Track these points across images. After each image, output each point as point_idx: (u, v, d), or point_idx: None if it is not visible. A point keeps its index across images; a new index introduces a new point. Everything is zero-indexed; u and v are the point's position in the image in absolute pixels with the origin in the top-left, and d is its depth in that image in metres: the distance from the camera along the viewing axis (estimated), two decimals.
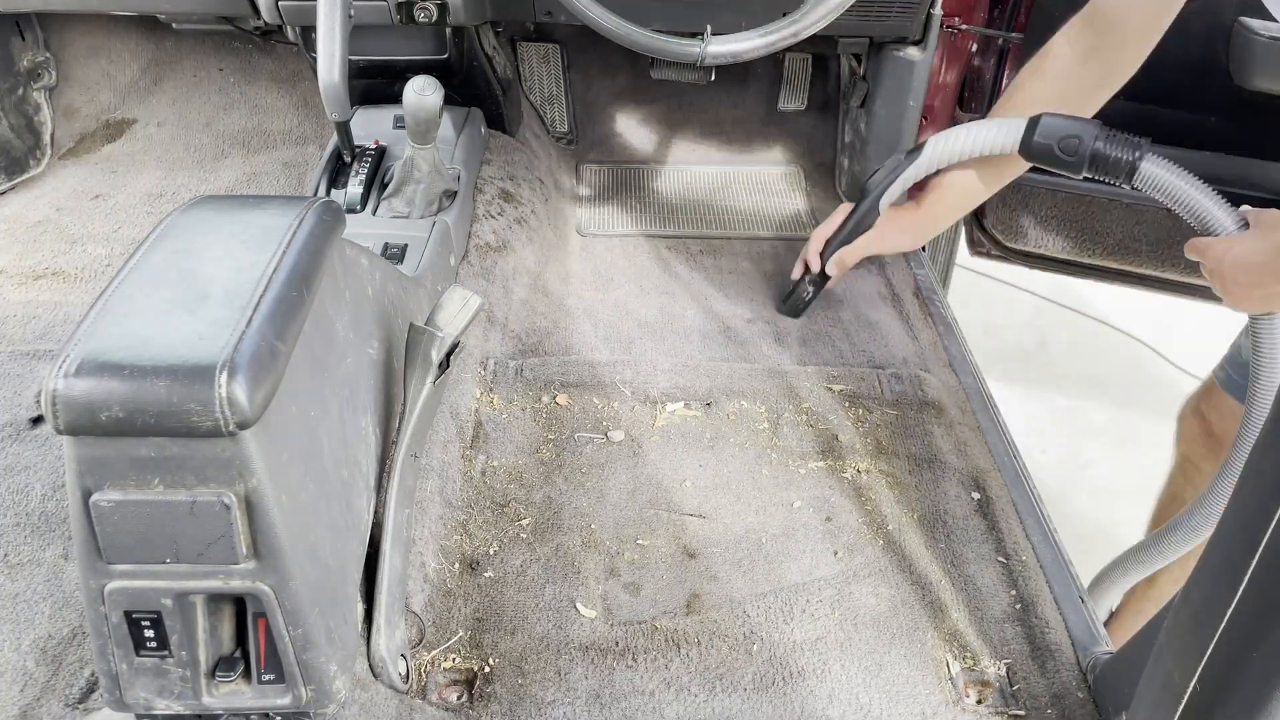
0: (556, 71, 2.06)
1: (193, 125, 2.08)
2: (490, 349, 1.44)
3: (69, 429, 0.69)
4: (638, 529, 1.17)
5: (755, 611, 1.07)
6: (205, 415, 0.68)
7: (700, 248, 1.78)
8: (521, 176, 1.80)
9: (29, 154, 1.98)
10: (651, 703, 0.97)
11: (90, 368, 0.68)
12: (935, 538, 1.16)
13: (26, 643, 0.99)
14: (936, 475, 1.25)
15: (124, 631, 0.77)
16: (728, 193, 1.98)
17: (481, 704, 0.97)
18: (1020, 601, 1.09)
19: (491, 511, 1.18)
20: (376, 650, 0.94)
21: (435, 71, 1.41)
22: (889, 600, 1.08)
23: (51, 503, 1.15)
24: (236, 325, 0.71)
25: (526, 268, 1.62)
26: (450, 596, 1.07)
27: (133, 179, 1.94)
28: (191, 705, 0.80)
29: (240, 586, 0.77)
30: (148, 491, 0.72)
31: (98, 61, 2.12)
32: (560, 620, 1.05)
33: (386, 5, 1.52)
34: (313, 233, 0.83)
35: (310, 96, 2.08)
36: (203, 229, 0.83)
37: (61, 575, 1.06)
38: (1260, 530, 0.58)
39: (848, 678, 1.00)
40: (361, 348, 0.98)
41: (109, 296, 0.74)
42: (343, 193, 1.51)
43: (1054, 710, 0.97)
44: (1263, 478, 0.60)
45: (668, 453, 1.27)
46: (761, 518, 1.18)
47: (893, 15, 1.64)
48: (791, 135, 2.13)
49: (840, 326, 1.57)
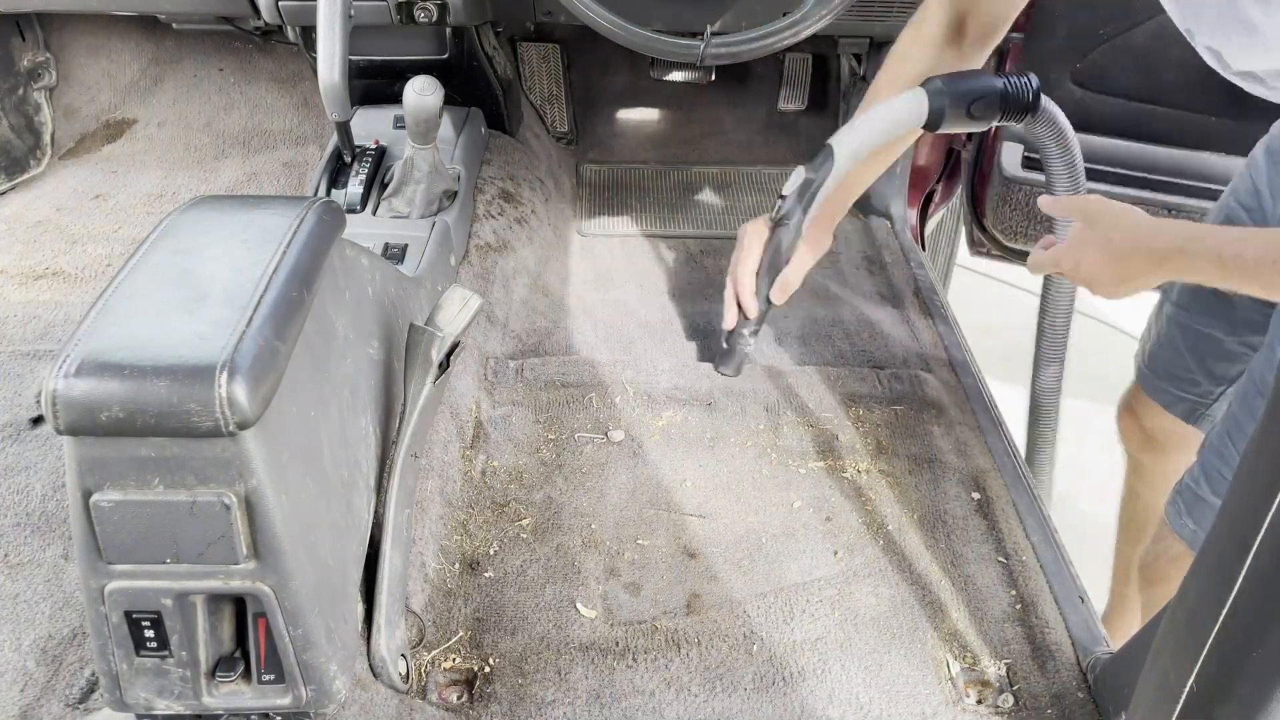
0: (556, 71, 2.06)
1: (193, 125, 2.08)
2: (490, 349, 1.44)
3: (69, 429, 0.69)
4: (638, 529, 1.17)
5: (755, 611, 1.07)
6: (205, 415, 0.68)
7: (700, 248, 1.78)
8: (521, 176, 1.80)
9: (29, 154, 1.98)
10: (651, 703, 0.97)
11: (90, 368, 0.68)
12: (935, 538, 1.16)
13: (26, 643, 0.99)
14: (936, 475, 1.25)
15: (124, 631, 0.77)
16: (728, 193, 1.98)
17: (481, 704, 0.97)
18: (1020, 601, 1.09)
19: (491, 511, 1.18)
20: (376, 650, 0.94)
21: (435, 71, 1.41)
22: (889, 600, 1.08)
23: (51, 503, 1.15)
24: (236, 325, 0.72)
25: (526, 268, 1.63)
26: (450, 596, 1.07)
27: (133, 179, 1.94)
28: (191, 705, 0.80)
29: (240, 586, 0.77)
30: (148, 491, 0.72)
31: (98, 61, 2.12)
32: (560, 620, 1.05)
33: (386, 5, 1.52)
34: (313, 233, 0.83)
35: (310, 96, 2.08)
36: (203, 229, 0.83)
37: (61, 575, 1.06)
38: (1254, 529, 0.58)
39: (848, 678, 1.00)
40: (361, 348, 0.98)
41: (109, 296, 0.74)
42: (343, 193, 1.51)
43: (1054, 710, 0.97)
44: (1256, 477, 0.60)
45: (668, 453, 1.27)
46: (761, 518, 1.18)
47: (893, 15, 1.64)
48: (791, 135, 2.13)
49: (840, 326, 1.57)
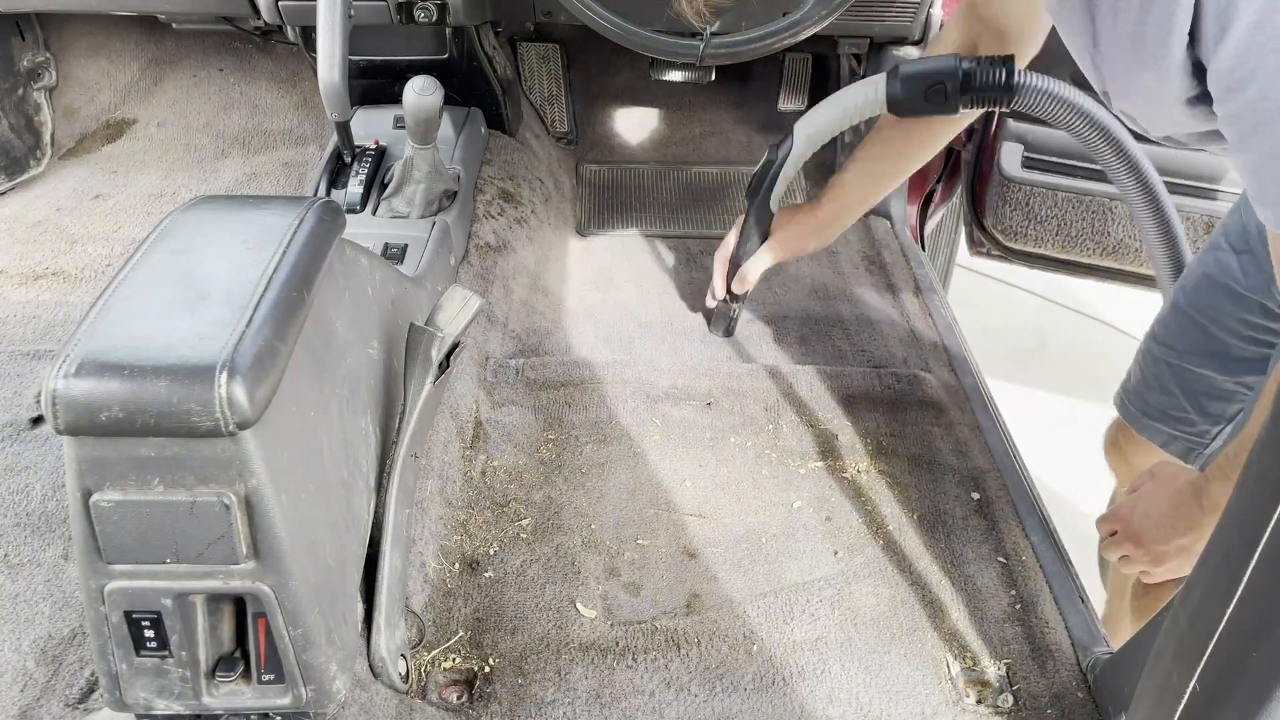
0: (556, 71, 2.06)
1: (193, 125, 2.08)
2: (490, 349, 1.44)
3: (69, 429, 0.69)
4: (638, 529, 1.17)
5: (755, 611, 1.07)
6: (205, 415, 0.68)
7: (700, 248, 1.78)
8: (521, 176, 1.80)
9: (29, 154, 1.98)
10: (651, 703, 0.97)
11: (90, 368, 0.68)
12: (935, 538, 1.16)
13: (26, 643, 0.99)
14: (936, 475, 1.25)
15: (124, 631, 0.77)
16: (728, 193, 1.98)
17: (481, 704, 0.97)
18: (1020, 601, 1.09)
19: (491, 511, 1.18)
20: (376, 650, 0.94)
21: (435, 71, 1.41)
22: (889, 600, 1.08)
23: (51, 503, 1.15)
24: (236, 325, 0.71)
25: (526, 268, 1.62)
26: (450, 596, 1.07)
27: (133, 179, 1.93)
28: (191, 705, 0.80)
29: (240, 586, 0.77)
30: (148, 491, 0.72)
31: (98, 61, 2.12)
32: (560, 620, 1.05)
33: (386, 5, 1.52)
34: (313, 233, 0.83)
35: (310, 96, 2.08)
36: (203, 229, 0.83)
37: (61, 575, 1.06)
38: (1259, 530, 0.58)
39: (848, 678, 1.00)
40: (361, 348, 0.98)
41: (109, 296, 0.74)
42: (343, 193, 1.51)
43: (1054, 710, 0.97)
44: (1262, 478, 0.60)
45: (668, 453, 1.27)
46: (761, 518, 1.18)
47: (892, 15, 1.64)
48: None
49: (840, 326, 1.57)
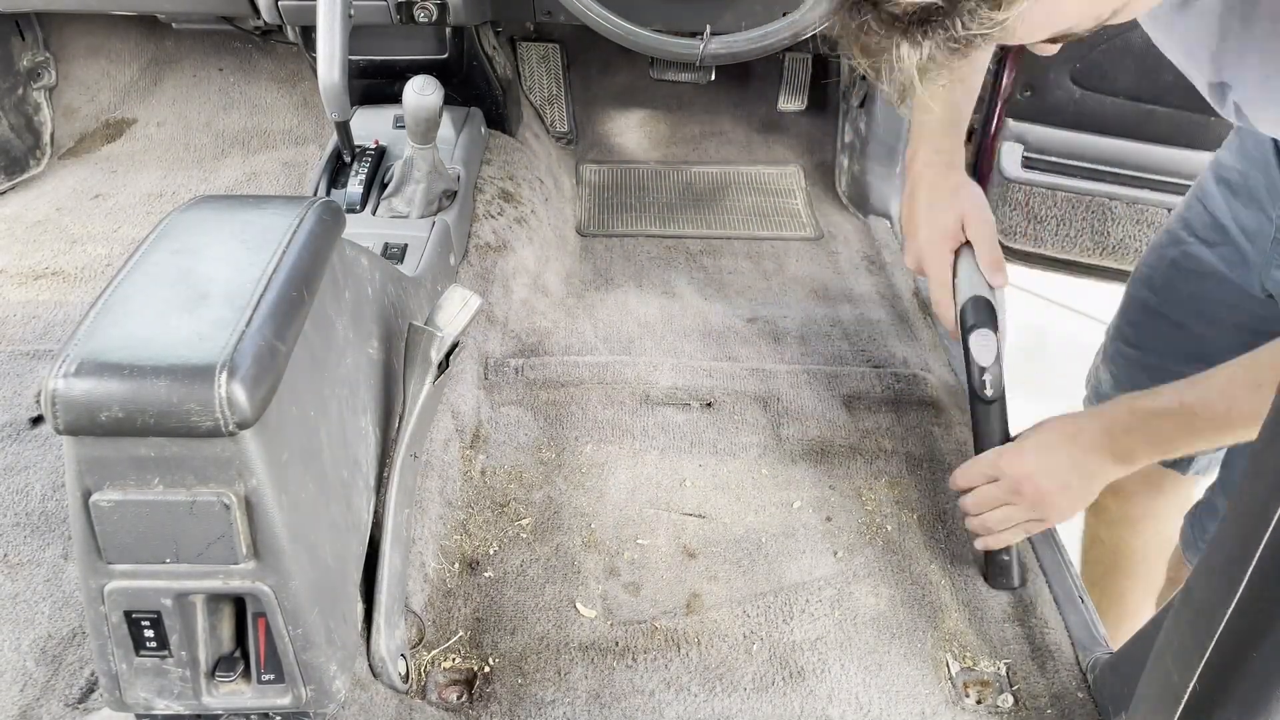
0: (556, 71, 2.06)
1: (193, 125, 2.08)
2: (490, 349, 1.44)
3: (69, 429, 0.69)
4: (638, 529, 1.17)
5: (755, 611, 1.07)
6: (205, 415, 0.68)
7: (700, 248, 1.78)
8: (521, 176, 1.80)
9: (29, 154, 1.98)
10: (651, 703, 0.97)
11: (90, 368, 0.68)
12: (935, 538, 1.16)
13: (26, 643, 0.99)
14: (936, 475, 1.25)
15: (124, 631, 0.77)
16: (728, 193, 1.98)
17: (481, 704, 0.97)
18: (1020, 601, 1.09)
19: (491, 511, 1.18)
20: (376, 650, 0.94)
21: (435, 71, 1.41)
22: (889, 600, 1.08)
23: (51, 503, 1.15)
24: (236, 325, 0.71)
25: (526, 268, 1.62)
26: (450, 596, 1.07)
27: (133, 179, 1.93)
28: (191, 705, 0.80)
29: (240, 586, 0.77)
30: (147, 491, 0.72)
31: (98, 61, 2.12)
32: (560, 620, 1.05)
33: (386, 5, 1.52)
34: (313, 233, 0.83)
35: (310, 96, 2.08)
36: (202, 229, 0.83)
37: (61, 575, 1.06)
38: (1260, 530, 0.58)
39: (848, 677, 1.00)
40: (361, 348, 0.98)
41: (109, 296, 0.74)
42: (343, 193, 1.51)
43: (1054, 710, 0.97)
44: (1262, 478, 0.60)
45: (668, 453, 1.27)
46: (761, 518, 1.18)
47: None
48: (791, 135, 2.13)
49: (840, 326, 1.56)
